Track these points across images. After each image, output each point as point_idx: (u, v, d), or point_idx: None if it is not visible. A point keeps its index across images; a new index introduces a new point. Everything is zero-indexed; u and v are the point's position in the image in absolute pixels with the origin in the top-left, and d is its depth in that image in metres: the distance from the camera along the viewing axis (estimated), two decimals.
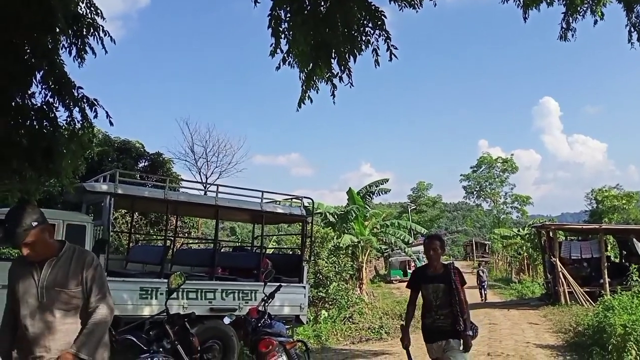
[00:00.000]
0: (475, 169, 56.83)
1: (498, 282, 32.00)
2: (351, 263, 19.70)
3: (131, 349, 3.57)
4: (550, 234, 19.17)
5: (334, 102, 4.71)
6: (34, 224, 2.66)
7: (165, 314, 3.80)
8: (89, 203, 8.47)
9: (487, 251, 49.46)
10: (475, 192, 57.11)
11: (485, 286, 22.80)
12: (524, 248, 33.08)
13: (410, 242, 27.36)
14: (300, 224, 9.61)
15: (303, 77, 4.74)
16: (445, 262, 5.12)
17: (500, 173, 54.65)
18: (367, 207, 23.11)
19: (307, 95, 4.58)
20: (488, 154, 56.85)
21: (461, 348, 4.70)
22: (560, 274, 17.73)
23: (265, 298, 5.94)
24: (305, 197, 9.85)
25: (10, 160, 4.26)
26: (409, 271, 32.56)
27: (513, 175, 55.30)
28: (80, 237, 6.99)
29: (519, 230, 35.80)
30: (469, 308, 4.98)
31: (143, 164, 17.83)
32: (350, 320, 14.08)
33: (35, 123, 4.47)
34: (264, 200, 9.04)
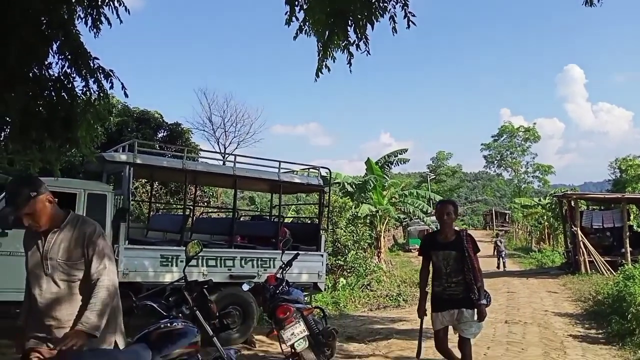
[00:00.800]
0: (496, 138, 56.07)
1: (518, 251, 31.88)
2: (369, 232, 19.80)
3: (151, 314, 3.66)
4: (572, 203, 18.97)
5: (350, 71, 4.65)
6: (33, 194, 2.66)
7: (183, 281, 3.88)
8: (110, 173, 8.60)
9: (507, 220, 49.17)
10: (496, 162, 56.47)
11: (504, 255, 22.78)
12: (545, 217, 32.81)
13: (429, 211, 27.29)
14: (318, 193, 9.63)
15: (320, 46, 4.68)
16: (458, 229, 4.97)
17: (522, 142, 53.84)
18: (385, 177, 23.03)
19: (324, 64, 4.53)
20: (510, 123, 55.98)
21: (475, 318, 4.60)
22: (581, 243, 17.61)
23: (283, 266, 6.02)
24: (322, 167, 9.86)
25: (29, 130, 4.33)
26: None
27: (535, 144, 54.49)
28: (102, 206, 7.12)
29: (540, 200, 35.42)
30: (485, 276, 4.94)
31: (162, 134, 17.92)
32: (368, 287, 14.25)
33: (53, 94, 4.52)
34: (282, 170, 9.07)
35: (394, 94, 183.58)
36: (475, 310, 4.61)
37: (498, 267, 22.25)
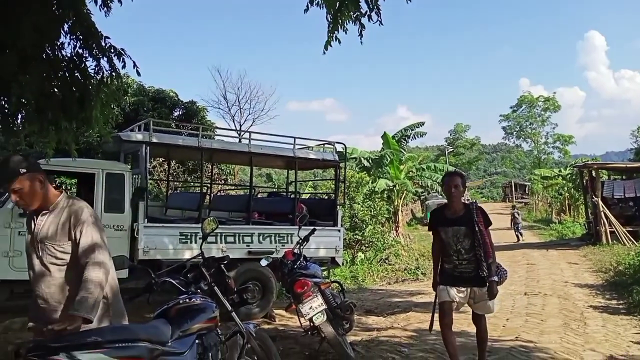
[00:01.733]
0: (515, 108, 54.98)
1: (538, 223, 31.61)
2: (387, 207, 19.78)
3: (171, 290, 3.71)
4: (593, 173, 18.67)
5: (361, 42, 4.55)
6: (22, 170, 2.63)
7: (201, 257, 3.92)
8: (127, 152, 8.67)
9: (527, 192, 48.66)
10: (515, 133, 55.49)
11: (519, 227, 22.68)
12: (565, 188, 32.35)
13: None
14: (334, 169, 9.61)
15: (329, 18, 4.59)
16: (467, 202, 4.72)
17: (542, 112, 52.71)
18: (402, 151, 22.89)
19: (333, 36, 4.44)
20: (529, 93, 54.76)
21: (487, 296, 4.40)
22: (602, 213, 17.38)
23: (300, 241, 6.05)
24: (337, 143, 9.83)
25: (45, 111, 4.36)
26: None
27: (555, 114, 53.29)
28: (120, 186, 7.21)
29: (560, 171, 34.86)
30: (504, 248, 4.86)
31: (178, 112, 18.00)
32: (387, 261, 14.30)
33: (66, 74, 4.54)
34: (297, 147, 9.06)
35: (411, 66, 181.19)
36: (486, 289, 4.40)
37: (518, 239, 22.14)
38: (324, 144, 9.93)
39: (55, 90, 4.47)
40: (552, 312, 7.91)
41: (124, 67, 4.70)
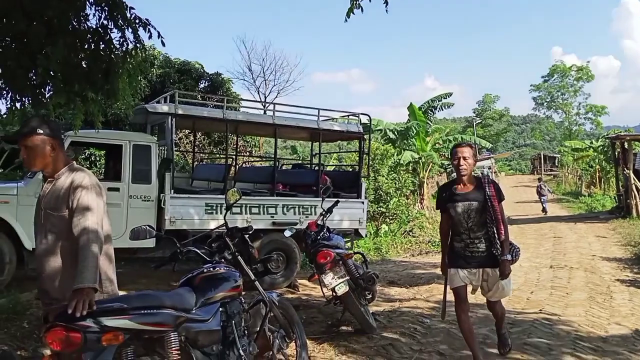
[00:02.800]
0: (546, 78, 53.49)
1: (566, 195, 31.05)
2: (412, 179, 19.66)
3: (195, 260, 3.78)
4: (625, 145, 18.17)
5: (386, 11, 4.48)
6: (39, 130, 2.67)
7: (225, 227, 3.97)
8: (153, 124, 8.77)
9: (556, 165, 47.63)
10: (545, 103, 54.15)
11: (545, 200, 22.54)
12: (596, 161, 31.57)
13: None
14: (358, 141, 9.56)
15: None
16: (477, 175, 4.42)
17: (574, 82, 51.20)
18: (429, 122, 22.58)
19: (356, 3, 4.36)
20: (561, 62, 53.18)
21: (499, 277, 4.13)
22: (634, 186, 16.97)
23: (324, 212, 6.07)
24: (362, 114, 9.72)
25: (72, 83, 4.43)
26: None
27: (588, 84, 51.69)
28: (146, 157, 7.32)
29: (591, 143, 33.95)
30: (531, 221, 4.75)
31: (203, 84, 18.04)
32: (411, 234, 14.31)
33: (92, 45, 4.58)
34: (321, 118, 9.02)
35: (439, 36, 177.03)
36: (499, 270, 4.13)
37: (544, 212, 21.97)
38: (348, 116, 9.86)
39: (81, 61, 4.52)
40: (577, 285, 7.83)
41: (150, 37, 4.72)
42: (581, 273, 8.83)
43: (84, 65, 4.55)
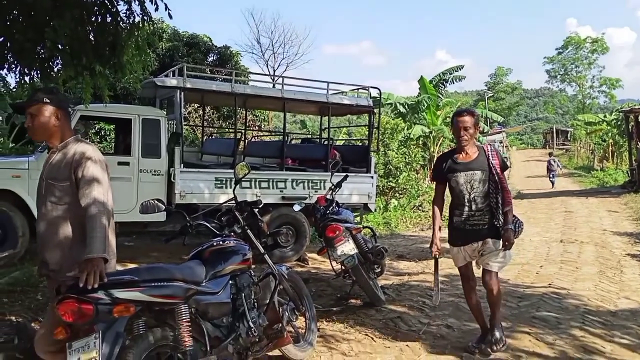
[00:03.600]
0: (560, 50, 52.59)
1: (578, 170, 30.80)
2: (422, 153, 19.56)
3: (205, 233, 3.81)
4: (639, 118, 17.87)
5: None
6: (46, 100, 2.67)
7: (234, 201, 3.98)
8: (162, 98, 8.75)
9: (569, 139, 47.14)
10: (559, 76, 53.36)
11: (554, 175, 22.80)
12: (610, 134, 31.24)
13: (485, 131, 26.57)
14: (368, 114, 9.48)
15: None
16: (479, 144, 4.15)
17: (589, 54, 50.31)
18: (440, 96, 22.36)
19: None
20: (576, 34, 52.20)
21: (500, 246, 3.87)
22: None
23: (333, 187, 6.07)
24: (372, 87, 9.62)
25: (80, 56, 4.40)
26: None
27: (603, 56, 50.79)
28: (155, 131, 7.32)
29: (605, 116, 33.54)
30: (542, 195, 4.67)
31: (212, 57, 17.93)
32: (420, 208, 14.28)
33: (99, 18, 4.53)
34: (330, 92, 8.94)
35: (452, 7, 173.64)
36: (502, 238, 3.85)
37: (553, 185, 22.14)
38: (358, 89, 9.77)
39: (89, 35, 4.48)
40: (587, 260, 7.81)
41: (156, 9, 4.66)
42: (591, 247, 8.80)
43: (91, 38, 4.51)
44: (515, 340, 4.38)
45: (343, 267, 5.23)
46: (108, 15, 4.55)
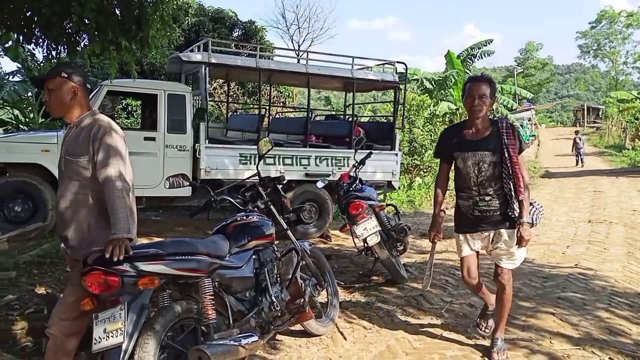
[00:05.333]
0: (594, 24, 50.81)
1: (609, 149, 30.03)
2: None
3: (229, 208, 3.84)
4: None
5: None
6: (64, 75, 2.63)
7: (257, 177, 4.00)
8: (187, 73, 8.77)
9: (600, 116, 45.88)
10: (591, 52, 51.67)
11: (581, 152, 22.59)
12: None
13: (514, 108, 26.01)
14: (393, 90, 9.36)
15: None
16: (493, 118, 3.55)
17: (623, 29, 48.47)
18: (467, 72, 21.90)
19: None
20: (611, 7, 50.23)
21: (514, 243, 3.39)
22: None
23: (356, 164, 6.04)
24: (398, 62, 9.47)
25: (106, 31, 4.42)
26: None
27: (638, 31, 48.96)
28: (181, 106, 7.36)
29: (638, 93, 32.46)
30: (569, 175, 4.46)
31: (237, 33, 17.88)
32: None
33: None
34: (355, 67, 8.84)
35: None
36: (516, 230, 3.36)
37: (577, 164, 21.76)
38: (383, 64, 9.62)
39: (114, 9, 4.49)
40: (616, 241, 7.66)
41: None
42: (620, 228, 8.62)
43: (117, 12, 4.52)
44: (540, 320, 4.34)
45: (365, 245, 5.23)
46: None
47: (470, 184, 3.41)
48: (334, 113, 14.34)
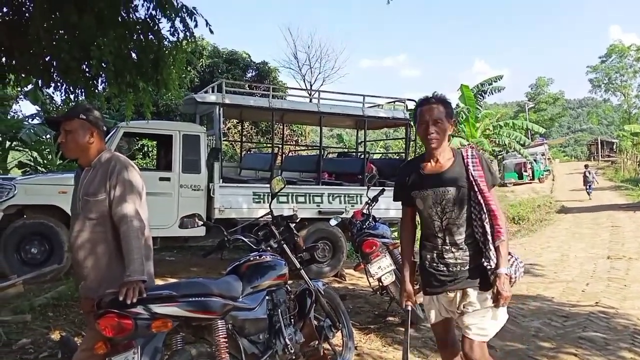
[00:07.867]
0: (604, 59, 51.05)
1: (625, 183, 29.65)
2: None
3: (242, 248, 3.82)
4: None
5: None
6: (82, 116, 2.64)
7: (270, 216, 3.99)
8: (202, 114, 8.93)
9: (614, 150, 45.53)
10: (603, 86, 51.74)
11: (590, 187, 22.50)
12: None
13: (526, 143, 25.96)
14: (404, 127, 9.41)
15: None
16: (455, 148, 2.87)
17: (634, 62, 48.63)
18: (478, 107, 22.02)
19: None
20: (620, 42, 50.57)
21: (489, 303, 2.60)
22: None
23: (369, 201, 6.02)
24: (408, 100, 9.55)
25: (124, 73, 4.54)
26: (525, 174, 31.09)
27: None
28: (195, 147, 7.45)
29: None
30: (584, 210, 4.33)
31: (251, 74, 18.26)
32: None
33: (141, 37, 4.68)
34: (366, 105, 8.93)
35: (489, 17, 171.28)
36: (492, 289, 2.57)
37: (589, 196, 21.86)
38: (394, 102, 9.71)
39: (131, 52, 4.63)
40: (637, 277, 7.48)
41: (196, 26, 4.77)
42: None
43: (134, 56, 4.65)
44: None
45: (380, 284, 5.16)
46: (150, 34, 4.69)
47: (434, 229, 2.69)
48: (346, 150, 14.43)
